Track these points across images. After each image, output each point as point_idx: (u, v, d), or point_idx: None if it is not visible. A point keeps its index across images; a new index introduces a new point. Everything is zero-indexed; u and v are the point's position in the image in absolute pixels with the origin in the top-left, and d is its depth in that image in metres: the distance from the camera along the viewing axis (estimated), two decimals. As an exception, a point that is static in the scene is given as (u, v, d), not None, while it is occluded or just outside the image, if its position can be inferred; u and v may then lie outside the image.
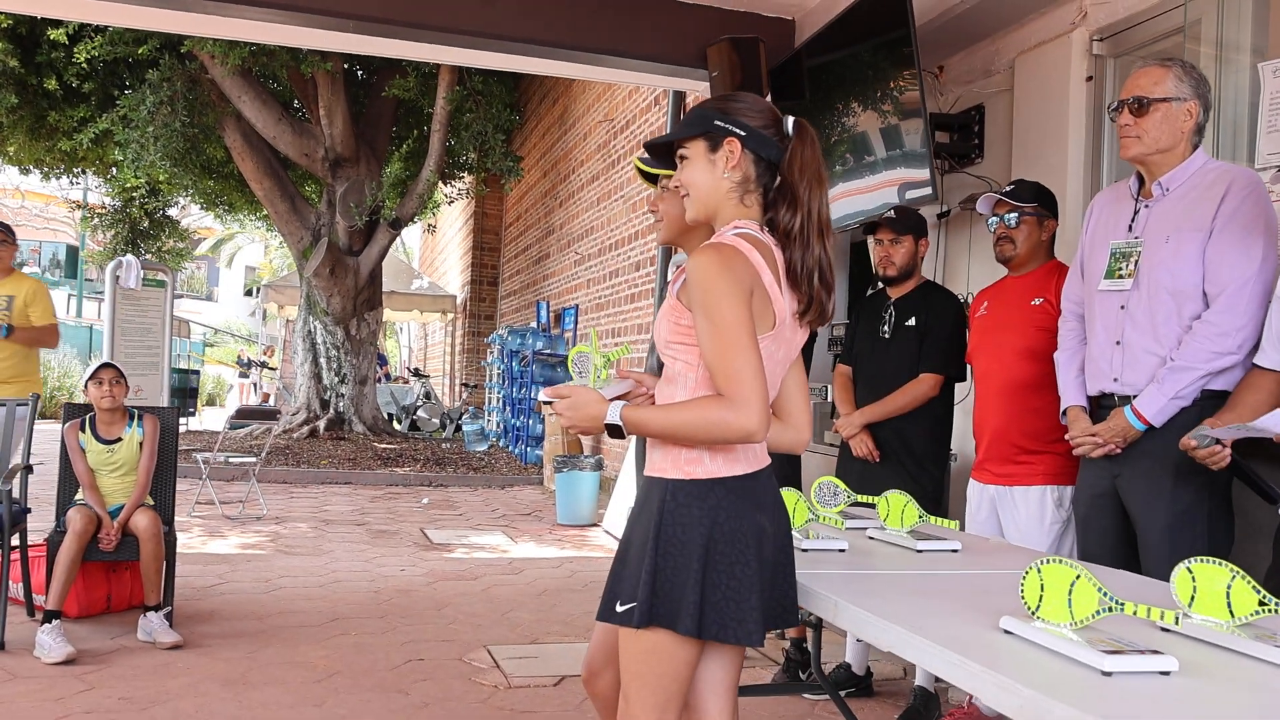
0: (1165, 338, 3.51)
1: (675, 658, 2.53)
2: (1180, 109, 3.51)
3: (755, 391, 2.39)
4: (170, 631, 5.75)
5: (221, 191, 19.73)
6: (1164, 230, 3.54)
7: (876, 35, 5.76)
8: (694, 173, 2.65)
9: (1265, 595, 2.01)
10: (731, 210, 2.63)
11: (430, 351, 31.29)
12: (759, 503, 2.56)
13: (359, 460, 14.82)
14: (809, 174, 2.58)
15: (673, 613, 2.48)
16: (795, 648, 5.41)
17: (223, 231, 41.27)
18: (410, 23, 6.79)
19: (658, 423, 2.51)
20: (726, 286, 2.41)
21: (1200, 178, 3.53)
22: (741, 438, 2.42)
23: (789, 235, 2.57)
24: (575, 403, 2.62)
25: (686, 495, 2.51)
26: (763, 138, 2.59)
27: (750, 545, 2.49)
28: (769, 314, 2.51)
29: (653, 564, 2.49)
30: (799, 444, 2.82)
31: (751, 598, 2.47)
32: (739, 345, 2.40)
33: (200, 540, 9.09)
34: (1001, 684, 1.78)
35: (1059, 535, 4.22)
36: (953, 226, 6.14)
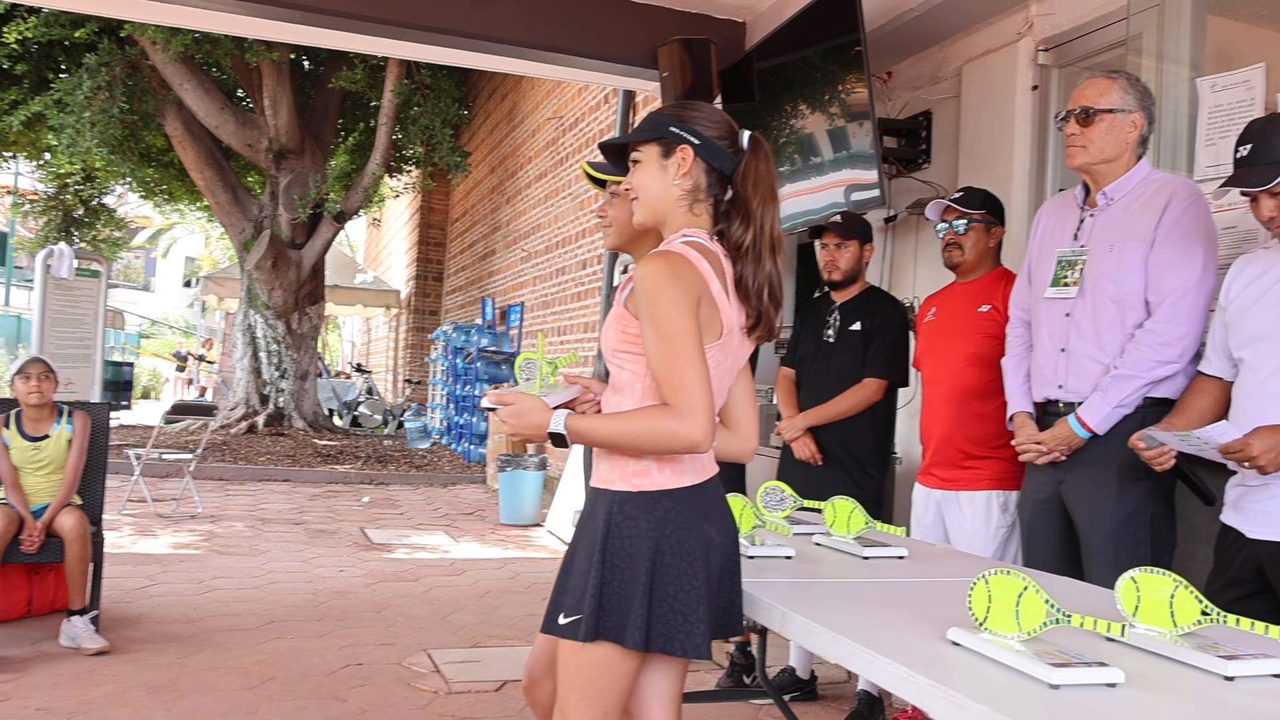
0: (1109, 345, 3.56)
1: (617, 671, 2.52)
2: (1125, 120, 3.58)
3: (701, 401, 2.38)
4: (95, 637, 5.60)
5: (161, 180, 19.40)
6: (1108, 239, 3.60)
7: (827, 39, 5.78)
8: (644, 177, 2.64)
9: (1207, 605, 2.04)
10: (680, 218, 2.63)
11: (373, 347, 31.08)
12: (707, 513, 2.55)
13: (298, 457, 14.68)
14: (762, 189, 2.59)
15: (620, 626, 2.47)
16: (740, 652, 5.42)
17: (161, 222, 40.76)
18: (359, 15, 6.74)
19: (602, 432, 2.50)
20: (673, 295, 2.41)
21: (1144, 188, 3.60)
22: (687, 448, 2.42)
23: (740, 249, 2.57)
24: (518, 410, 2.60)
25: (634, 508, 2.50)
26: (716, 148, 2.59)
27: (698, 557, 2.49)
28: (716, 323, 2.51)
29: (599, 577, 2.48)
30: (746, 452, 2.82)
31: (699, 610, 2.47)
32: (685, 355, 2.39)
33: (130, 540, 8.93)
34: (950, 698, 1.79)
35: (1004, 540, 4.26)
36: (899, 231, 6.18)
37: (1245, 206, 3.33)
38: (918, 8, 5.51)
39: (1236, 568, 3.05)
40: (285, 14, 6.74)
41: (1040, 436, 3.70)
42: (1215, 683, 1.93)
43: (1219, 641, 2.07)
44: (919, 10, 5.53)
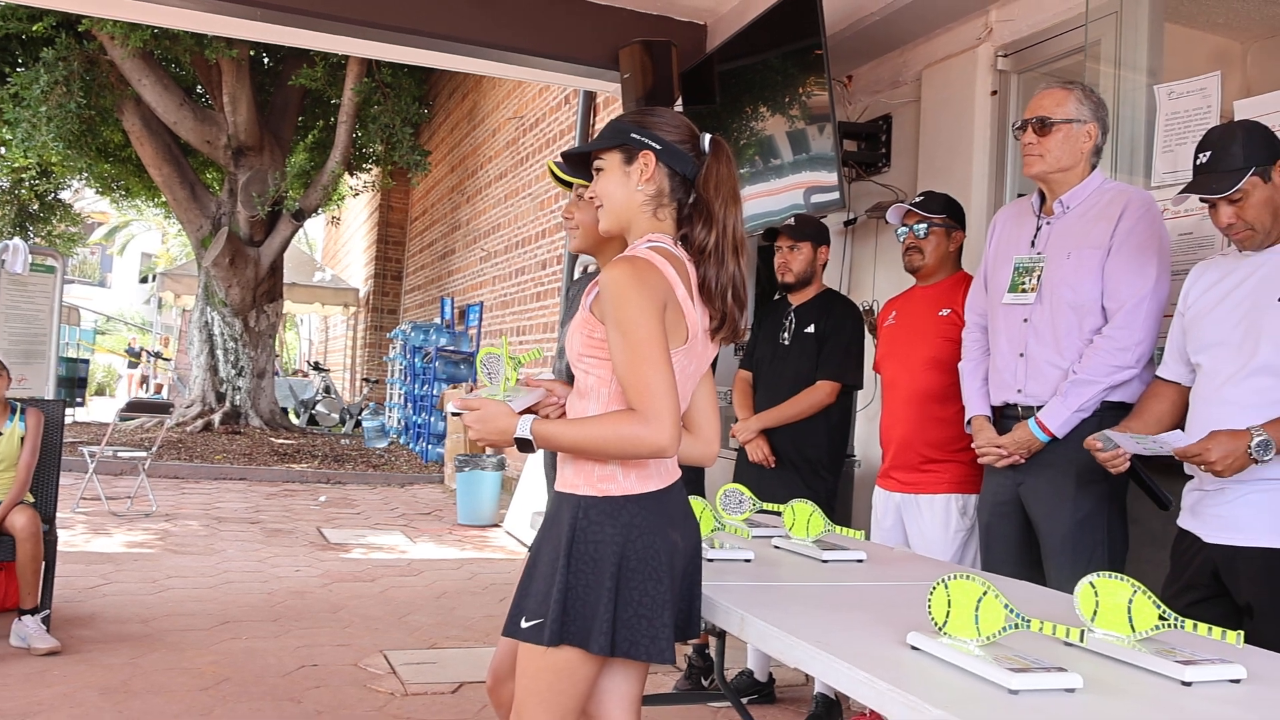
0: (1067, 350, 3.62)
1: (578, 675, 2.52)
2: (1081, 130, 3.65)
3: (667, 406, 2.39)
4: (46, 637, 5.51)
5: (118, 176, 19.18)
6: (1065, 247, 3.66)
7: (788, 43, 5.80)
8: (608, 184, 2.64)
9: (1165, 610, 2.05)
10: (645, 223, 2.62)
11: (331, 345, 30.94)
12: (671, 518, 2.56)
13: (255, 456, 14.58)
14: (724, 191, 2.60)
15: (585, 631, 2.46)
16: (698, 655, 5.42)
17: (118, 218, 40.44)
18: (319, 13, 6.71)
19: (568, 438, 2.50)
20: (639, 300, 2.41)
21: (1098, 197, 3.67)
22: (653, 453, 2.42)
23: (704, 252, 2.58)
24: (484, 415, 2.59)
25: (599, 513, 2.49)
26: (678, 152, 2.60)
27: (663, 563, 2.49)
28: (682, 328, 2.51)
29: (564, 581, 2.47)
30: (708, 456, 2.83)
31: (664, 614, 2.47)
32: (651, 360, 2.39)
33: (84, 538, 8.85)
34: (909, 703, 1.79)
35: (963, 543, 4.28)
36: (859, 234, 6.20)
37: (1202, 212, 3.37)
38: (878, 12, 5.54)
39: (1192, 572, 3.08)
40: (246, 11, 6.69)
41: (1000, 440, 3.74)
42: (1173, 688, 1.94)
43: (1176, 646, 2.08)
44: (879, 15, 5.55)
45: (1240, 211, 2.97)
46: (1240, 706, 1.90)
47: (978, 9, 5.31)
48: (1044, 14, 4.98)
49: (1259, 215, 2.97)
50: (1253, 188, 2.95)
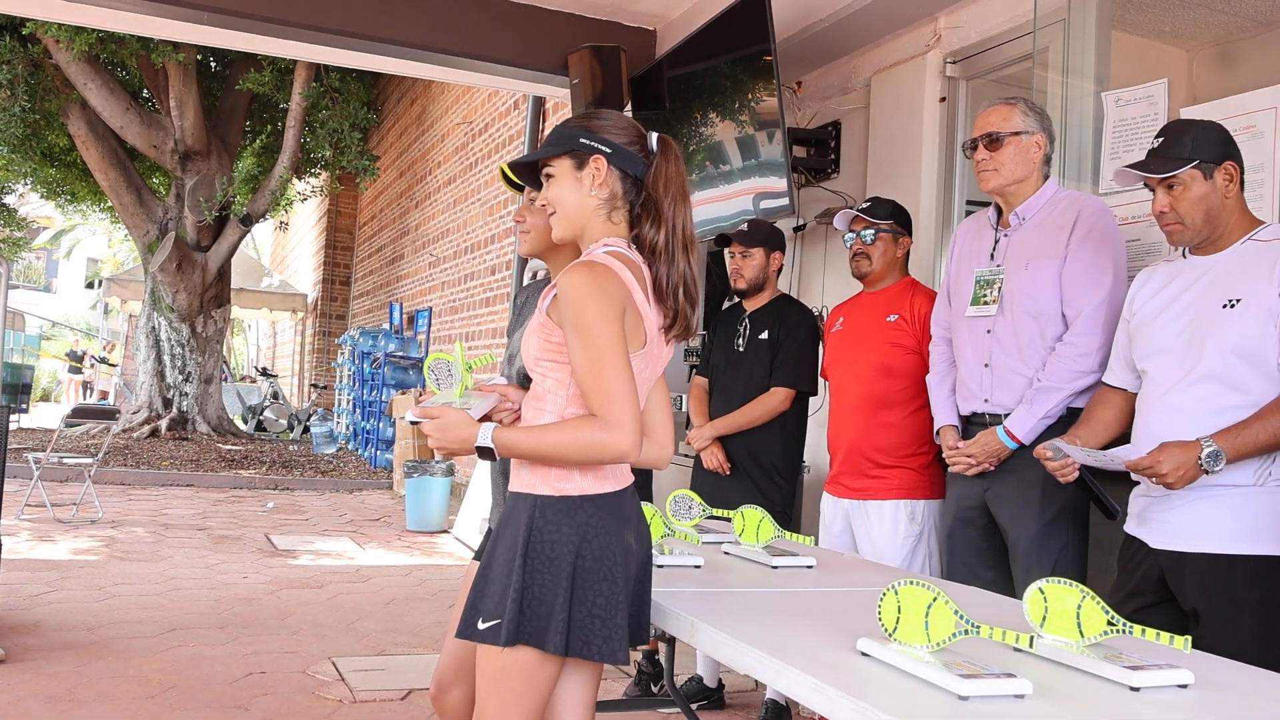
0: (1031, 359, 3.66)
1: (537, 676, 2.50)
2: (1030, 141, 3.71)
3: (629, 412, 2.39)
4: None
5: (64, 180, 18.99)
6: (1023, 257, 3.70)
7: (737, 48, 5.80)
8: (561, 191, 2.63)
9: (1113, 616, 2.06)
10: (599, 228, 2.62)
11: (279, 351, 30.70)
12: (626, 520, 2.56)
13: (202, 462, 14.44)
14: (673, 189, 2.60)
15: (541, 630, 2.45)
16: (648, 661, 5.40)
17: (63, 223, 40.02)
18: (266, 17, 6.66)
19: (531, 445, 2.49)
20: (599, 306, 2.41)
21: (1053, 206, 3.72)
22: (616, 458, 2.43)
23: (654, 251, 2.58)
24: (444, 424, 2.59)
25: (556, 512, 2.49)
26: (628, 154, 2.59)
27: (618, 563, 2.49)
28: (640, 332, 2.52)
29: (520, 581, 2.46)
30: (663, 459, 2.83)
31: (618, 615, 2.47)
32: (612, 365, 2.40)
33: (28, 545, 8.74)
34: (860, 710, 1.78)
35: (912, 549, 4.30)
36: (808, 240, 6.21)
37: (1148, 220, 3.40)
38: (828, 18, 5.55)
39: (1140, 578, 3.10)
40: (192, 15, 6.64)
41: (970, 449, 3.78)
42: (1121, 693, 1.95)
43: (1124, 652, 2.09)
44: (829, 21, 5.56)
45: (1174, 202, 3.01)
46: (1188, 711, 1.91)
47: (926, 16, 5.33)
48: (992, 21, 5.01)
49: (1191, 210, 3.00)
50: (1191, 180, 2.99)
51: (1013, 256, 3.74)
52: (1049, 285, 3.62)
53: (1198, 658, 2.15)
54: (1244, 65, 4.07)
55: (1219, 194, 3.00)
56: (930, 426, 4.30)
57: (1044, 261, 3.63)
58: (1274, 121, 3.46)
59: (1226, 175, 3.00)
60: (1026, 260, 3.68)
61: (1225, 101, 3.60)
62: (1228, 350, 2.92)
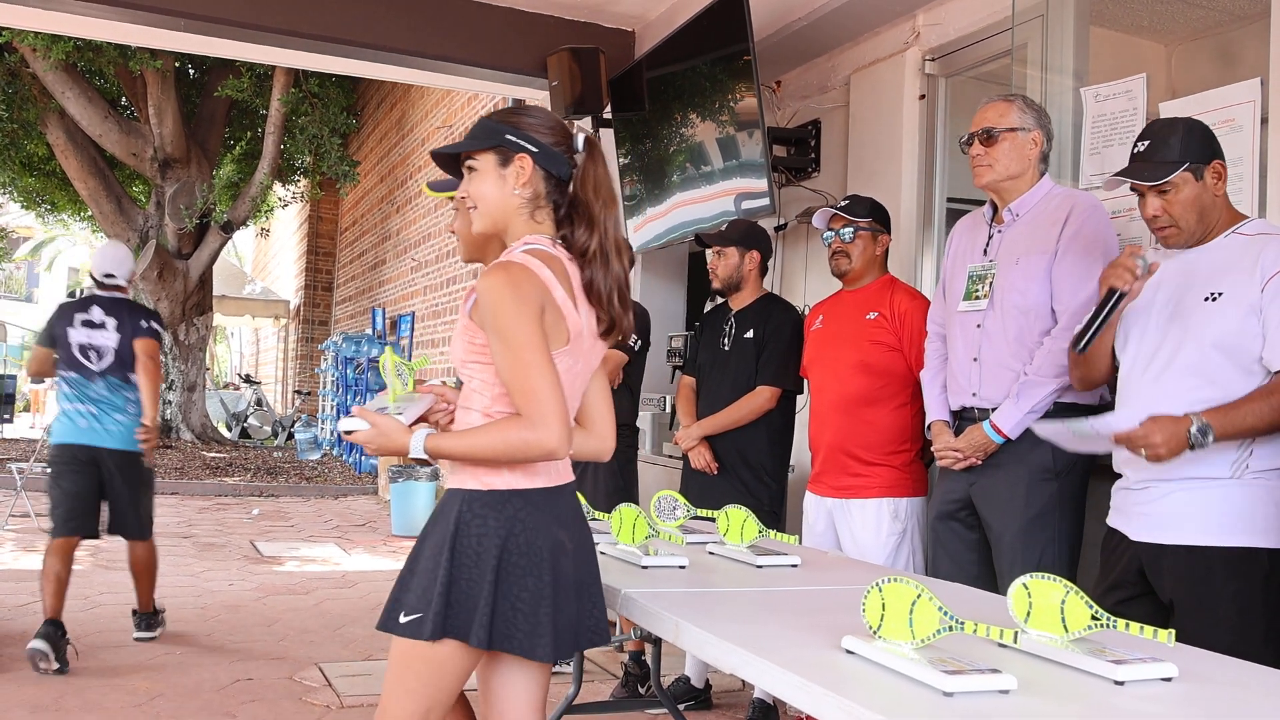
0: (1019, 353, 3.66)
1: (455, 668, 2.53)
2: (1026, 138, 3.70)
3: (553, 410, 2.41)
4: None
5: (43, 190, 18.94)
6: (1014, 253, 3.70)
7: (716, 49, 5.80)
8: (483, 186, 2.63)
9: (1097, 610, 2.05)
10: (522, 226, 2.62)
11: (262, 357, 30.64)
12: (558, 517, 2.56)
13: (186, 469, 14.40)
14: (603, 193, 2.61)
15: (465, 624, 2.47)
16: (634, 662, 5.39)
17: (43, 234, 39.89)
18: (245, 23, 6.64)
19: (461, 449, 2.51)
20: (516, 306, 2.42)
21: (1046, 203, 3.72)
22: (544, 455, 2.44)
23: (586, 255, 2.59)
24: (378, 433, 2.61)
25: (483, 505, 2.50)
26: (553, 155, 2.60)
27: (545, 559, 2.49)
28: (562, 330, 2.52)
29: (447, 574, 2.48)
30: (603, 451, 2.84)
31: (542, 610, 2.47)
32: (534, 364, 2.41)
33: (13, 555, 8.72)
34: (845, 707, 1.78)
35: (895, 547, 4.29)
36: (789, 239, 6.21)
37: (1132, 214, 3.40)
38: (806, 17, 5.55)
39: (1120, 570, 3.10)
40: (170, 22, 6.62)
41: (957, 443, 3.78)
42: (1106, 687, 1.94)
43: (1108, 646, 2.09)
44: (807, 20, 5.56)
45: (1168, 205, 2.99)
46: (1172, 704, 1.91)
47: (905, 13, 5.34)
48: (971, 18, 5.01)
49: (1185, 212, 2.99)
50: (1183, 183, 2.97)
51: (1004, 252, 3.74)
52: (1039, 280, 3.62)
53: (1181, 651, 2.14)
54: (1222, 59, 4.09)
55: (1209, 193, 2.99)
56: (912, 424, 4.32)
57: (1034, 257, 3.63)
58: (1253, 115, 3.48)
59: (1215, 174, 2.99)
60: (1017, 256, 3.68)
61: (1204, 95, 3.62)
62: (1207, 344, 2.92)
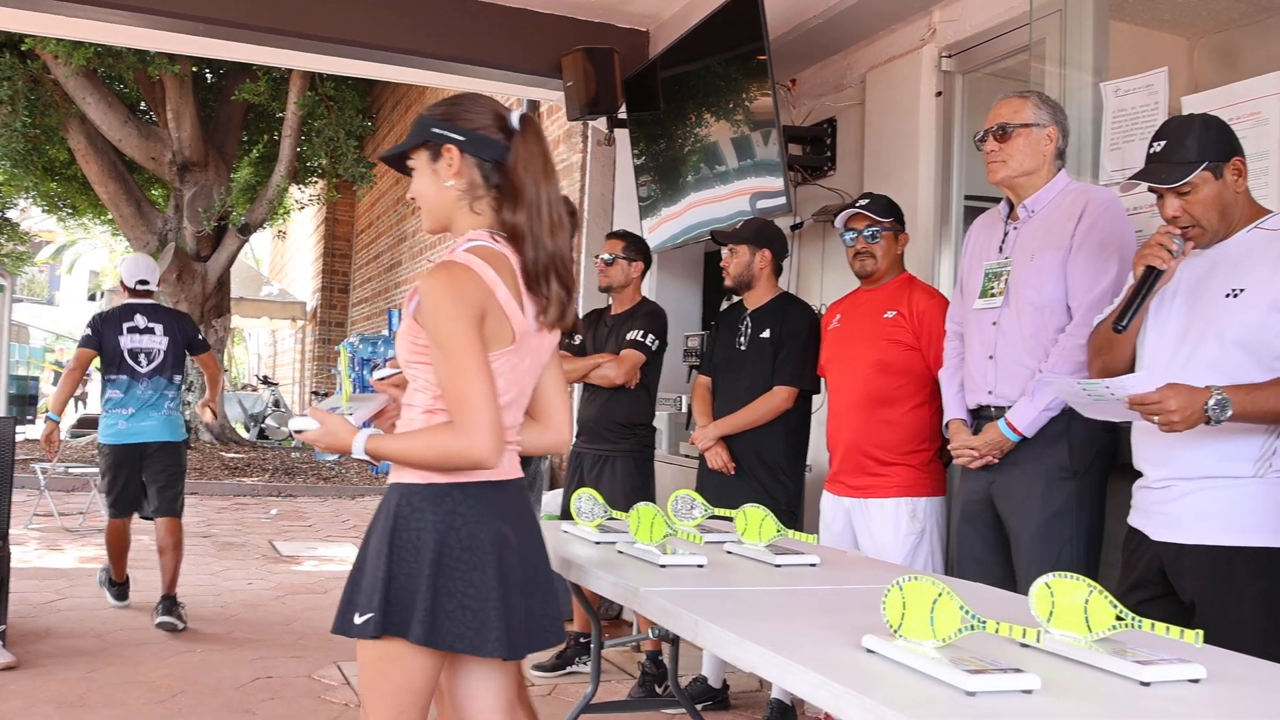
0: (1035, 350, 3.63)
1: (411, 667, 2.49)
2: (1041, 134, 3.67)
3: (483, 419, 2.39)
4: (2, 651, 5.46)
5: (65, 194, 19.06)
6: (1029, 249, 3.67)
7: (731, 47, 5.79)
8: (421, 184, 2.62)
9: (1122, 610, 2.03)
10: (464, 219, 2.60)
11: (280, 359, 30.68)
12: (501, 511, 2.54)
13: (205, 470, 14.44)
14: (533, 168, 2.56)
15: (405, 620, 2.45)
16: (651, 661, 5.38)
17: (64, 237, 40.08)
18: (262, 27, 6.67)
19: (396, 452, 2.51)
20: (453, 310, 2.40)
21: (1062, 198, 3.68)
22: (473, 465, 2.43)
23: (517, 234, 2.55)
24: (326, 431, 2.59)
25: (421, 499, 2.48)
26: (483, 140, 2.56)
27: (488, 552, 2.47)
28: (506, 330, 2.50)
29: (386, 571, 2.46)
30: (559, 444, 2.84)
31: (488, 605, 2.45)
32: (467, 371, 2.40)
33: (37, 554, 8.78)
34: (866, 706, 1.76)
35: (914, 547, 4.26)
36: (806, 238, 6.19)
37: (1152, 211, 3.36)
38: (821, 15, 5.53)
39: (1141, 570, 3.06)
40: (187, 26, 6.68)
41: (972, 441, 3.75)
42: (1131, 688, 1.92)
43: (1133, 646, 2.06)
44: (822, 17, 5.54)
45: (1187, 206, 2.93)
46: (1199, 706, 1.88)
47: (921, 10, 5.31)
48: (988, 14, 4.98)
49: (1205, 212, 2.93)
50: (1202, 182, 2.90)
51: (1020, 248, 3.71)
52: (1054, 276, 3.59)
53: (1210, 652, 2.11)
54: (1247, 52, 4.04)
55: (1230, 190, 2.93)
56: (930, 423, 4.29)
57: (1049, 253, 3.60)
58: (1278, 108, 3.43)
59: (1235, 171, 2.93)
60: (1032, 252, 3.65)
61: (1229, 88, 3.56)
62: (1229, 341, 2.87)
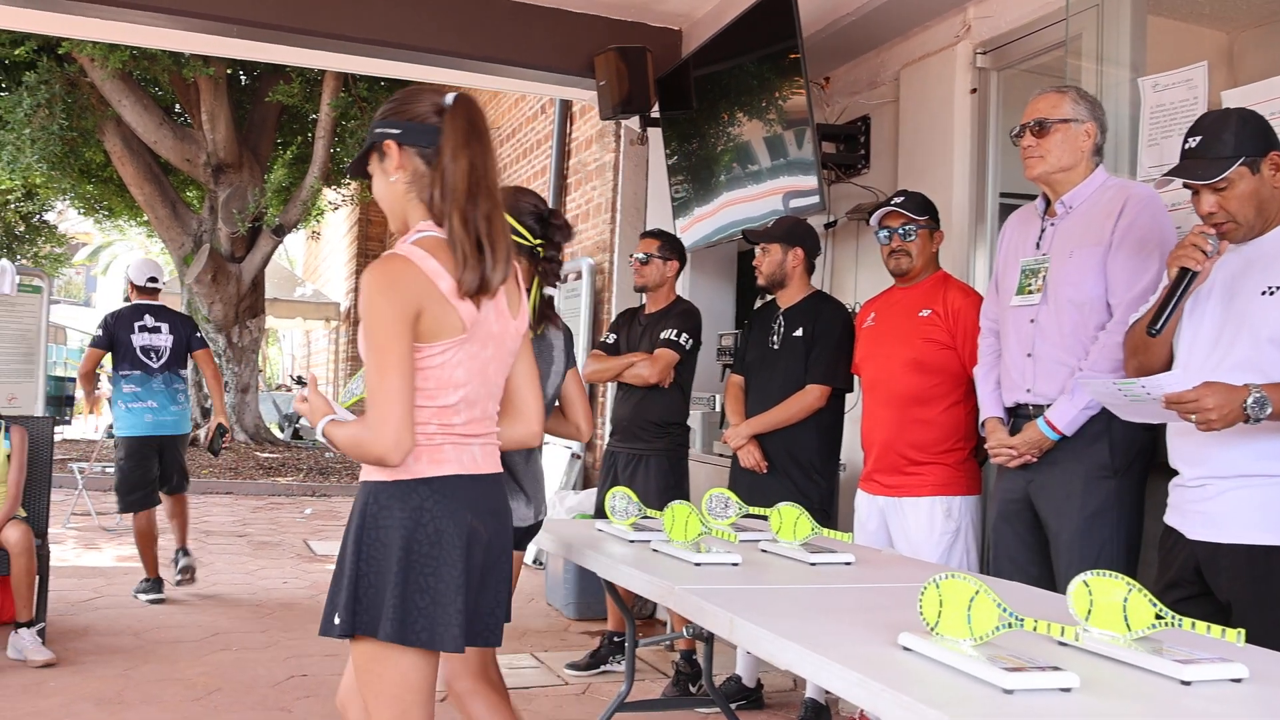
0: (1073, 348, 3.59)
1: (402, 666, 2.49)
2: (1079, 130, 3.62)
3: (391, 414, 2.39)
4: (42, 649, 5.55)
5: (101, 196, 19.26)
6: (1068, 246, 3.63)
7: (764, 46, 5.77)
8: (376, 187, 2.65)
9: (1162, 609, 2.01)
10: (415, 211, 2.60)
11: (314, 359, 30.81)
12: (472, 505, 2.54)
13: (240, 470, 14.54)
14: (453, 143, 2.52)
15: (374, 619, 2.45)
16: (685, 660, 5.38)
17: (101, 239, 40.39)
18: (296, 28, 6.70)
19: (332, 440, 2.52)
20: (382, 304, 2.41)
21: (1100, 195, 3.63)
22: (376, 460, 2.43)
23: (436, 210, 2.54)
24: (308, 409, 2.61)
25: (388, 497, 2.48)
26: (418, 129, 2.55)
27: (457, 546, 2.48)
28: (453, 319, 2.48)
29: (355, 569, 2.47)
30: (531, 437, 2.84)
31: (456, 601, 2.46)
32: (385, 366, 2.40)
33: (75, 553, 8.87)
34: (903, 704, 1.75)
35: (949, 546, 4.23)
36: (840, 237, 6.17)
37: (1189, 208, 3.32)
38: (854, 12, 5.51)
39: (1177, 569, 3.03)
40: (221, 28, 6.72)
41: (1010, 441, 3.71)
42: (1172, 687, 1.90)
43: (1173, 645, 2.04)
44: (856, 15, 5.52)
45: (1224, 201, 2.89)
46: (1242, 706, 1.86)
47: (955, 6, 5.28)
48: (1023, 9, 4.94)
49: (1242, 207, 2.89)
50: (1239, 178, 2.87)
51: (1058, 245, 3.66)
52: (1093, 273, 3.55)
53: (1250, 651, 2.09)
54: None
55: (1267, 186, 2.89)
56: (966, 421, 4.26)
57: (1088, 249, 3.56)
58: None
59: (1273, 165, 2.88)
60: (1071, 249, 3.61)
61: (1271, 82, 3.51)
62: (1264, 339, 2.83)
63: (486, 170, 2.55)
